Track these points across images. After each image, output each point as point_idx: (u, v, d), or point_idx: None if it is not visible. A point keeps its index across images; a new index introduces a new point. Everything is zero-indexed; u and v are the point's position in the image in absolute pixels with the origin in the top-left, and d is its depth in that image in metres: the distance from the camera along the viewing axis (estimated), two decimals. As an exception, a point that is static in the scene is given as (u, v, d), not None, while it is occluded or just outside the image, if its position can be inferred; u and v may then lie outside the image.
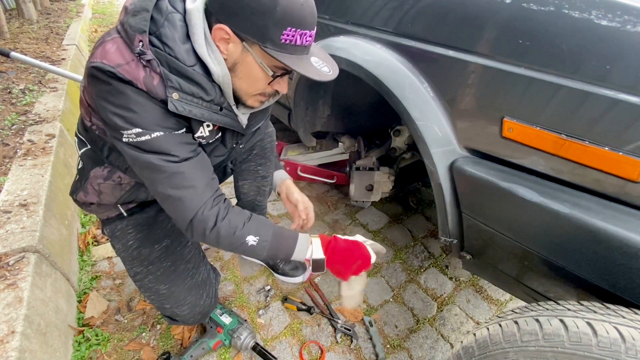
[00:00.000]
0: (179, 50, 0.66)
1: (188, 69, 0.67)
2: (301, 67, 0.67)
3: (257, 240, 0.80)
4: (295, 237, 0.86)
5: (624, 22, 0.59)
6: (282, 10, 0.61)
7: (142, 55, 0.63)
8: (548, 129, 0.70)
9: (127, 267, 1.00)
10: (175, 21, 0.66)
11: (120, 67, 0.63)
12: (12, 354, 0.83)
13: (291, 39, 0.65)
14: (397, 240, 1.67)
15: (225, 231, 0.76)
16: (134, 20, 0.64)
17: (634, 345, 0.50)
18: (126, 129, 0.67)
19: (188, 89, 0.68)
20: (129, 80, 0.64)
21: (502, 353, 0.65)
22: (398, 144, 1.58)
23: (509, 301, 1.42)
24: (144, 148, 0.69)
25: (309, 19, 0.66)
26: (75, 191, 0.93)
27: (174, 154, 0.71)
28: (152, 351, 1.15)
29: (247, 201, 1.26)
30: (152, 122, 0.67)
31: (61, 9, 4.49)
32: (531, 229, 0.78)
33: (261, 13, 0.62)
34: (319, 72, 0.70)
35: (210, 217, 0.75)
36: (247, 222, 0.80)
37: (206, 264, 1.09)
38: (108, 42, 0.66)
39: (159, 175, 0.71)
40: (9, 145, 1.65)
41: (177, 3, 0.68)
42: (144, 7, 0.64)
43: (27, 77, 2.38)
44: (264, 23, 0.63)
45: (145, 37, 0.63)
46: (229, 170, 1.21)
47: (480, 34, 0.77)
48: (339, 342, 1.22)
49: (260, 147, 1.12)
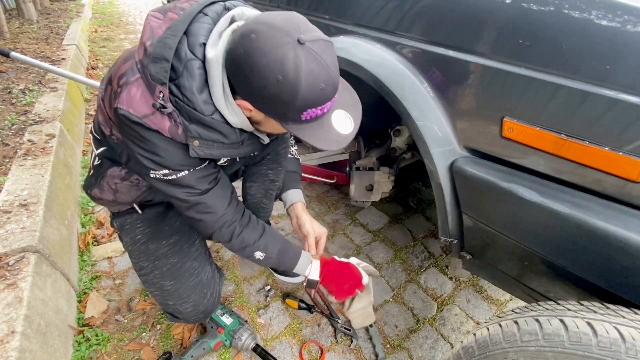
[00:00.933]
0: (197, 101, 0.66)
1: (206, 118, 0.67)
2: (320, 139, 0.68)
3: (263, 255, 0.92)
4: (297, 257, 0.97)
5: (624, 22, 0.58)
6: (303, 99, 0.60)
7: (162, 108, 0.65)
8: (548, 129, 0.70)
9: (134, 261, 1.01)
10: (193, 70, 0.65)
11: (146, 117, 0.66)
12: (12, 354, 0.83)
13: (312, 114, 0.64)
14: (397, 240, 1.67)
15: (237, 246, 0.90)
16: (154, 68, 0.63)
17: (634, 345, 0.50)
18: (154, 170, 0.73)
19: (207, 137, 0.70)
20: (155, 130, 0.67)
21: (502, 353, 0.65)
22: (398, 144, 1.58)
23: (509, 301, 1.42)
24: (170, 183, 0.77)
25: (331, 93, 0.64)
26: (90, 186, 0.94)
27: (197, 188, 0.79)
28: (152, 351, 1.15)
29: (252, 202, 1.25)
30: (177, 164, 0.74)
31: (61, 9, 4.49)
32: (531, 229, 0.78)
33: (281, 104, 0.61)
34: (339, 137, 0.69)
35: (225, 235, 0.87)
36: (258, 240, 0.91)
37: (212, 264, 1.09)
38: (132, 85, 0.67)
39: (183, 204, 0.81)
40: (9, 145, 1.66)
41: (197, 48, 0.65)
42: (164, 56, 0.63)
43: (27, 77, 2.38)
44: (285, 111, 0.63)
45: (165, 89, 0.64)
46: (240, 172, 1.21)
47: (480, 34, 0.77)
48: (339, 342, 1.22)
49: (274, 153, 1.12)
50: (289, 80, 0.58)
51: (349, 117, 0.72)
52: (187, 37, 0.65)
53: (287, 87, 0.58)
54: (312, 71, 0.59)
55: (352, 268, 0.98)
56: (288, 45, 0.57)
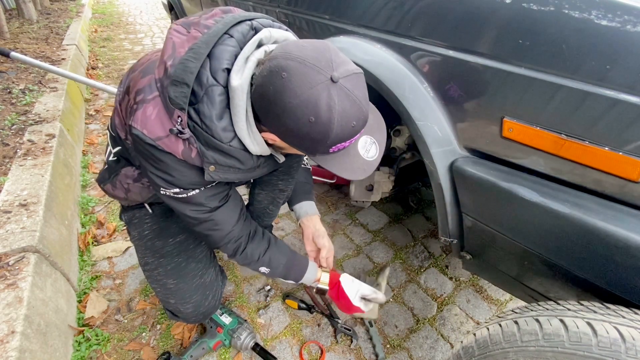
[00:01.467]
0: (216, 128, 0.64)
1: (225, 145, 0.66)
2: (347, 169, 0.66)
3: (268, 270, 0.95)
4: (304, 268, 1.00)
5: (624, 22, 0.58)
6: (334, 137, 0.58)
7: (179, 134, 0.64)
8: (548, 129, 0.70)
9: (139, 256, 1.03)
10: (214, 97, 0.62)
11: (160, 140, 0.65)
12: (12, 354, 0.83)
13: (340, 147, 0.63)
14: (397, 240, 1.67)
15: (242, 261, 0.92)
16: (173, 92, 0.62)
17: (634, 345, 0.50)
18: (165, 188, 0.74)
19: (224, 162, 0.70)
20: (168, 152, 0.67)
21: (502, 353, 0.65)
22: (398, 144, 1.58)
23: (509, 301, 1.42)
24: (180, 200, 0.78)
25: (360, 128, 0.62)
26: (103, 181, 0.95)
27: (206, 206, 0.80)
28: (152, 351, 1.15)
29: (258, 208, 1.23)
30: (189, 183, 0.74)
31: (61, 9, 4.49)
32: (531, 229, 0.78)
33: (312, 141, 0.59)
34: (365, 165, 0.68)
35: (230, 249, 0.89)
36: (263, 256, 0.92)
37: (216, 266, 1.10)
38: (149, 104, 0.66)
39: (192, 221, 0.82)
40: (9, 145, 1.66)
41: (219, 73, 0.62)
42: (185, 80, 0.61)
43: (27, 77, 2.38)
44: (314, 147, 0.61)
45: (184, 115, 0.62)
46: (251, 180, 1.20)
47: (480, 34, 0.77)
48: (339, 342, 1.22)
49: (287, 165, 1.10)
50: (322, 122, 0.56)
51: (375, 143, 0.70)
52: (210, 60, 0.63)
53: (319, 128, 0.57)
54: (345, 110, 0.57)
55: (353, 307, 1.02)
56: (321, 85, 0.55)
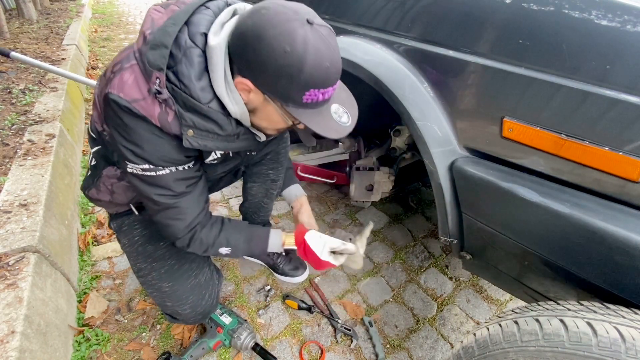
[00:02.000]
0: (195, 88, 0.65)
1: (203, 106, 0.66)
2: (320, 125, 0.67)
3: (229, 250, 0.90)
4: (266, 237, 0.95)
5: (624, 22, 0.58)
6: (307, 76, 0.60)
7: (157, 94, 0.64)
8: (548, 129, 0.70)
9: (132, 263, 1.01)
10: (193, 57, 0.64)
11: (136, 102, 0.65)
12: (12, 354, 0.83)
13: (314, 98, 0.64)
14: (397, 240, 1.67)
15: (198, 249, 0.86)
16: (152, 55, 0.63)
17: (634, 345, 0.50)
18: (134, 162, 0.71)
19: (202, 126, 0.69)
20: (143, 116, 0.65)
21: (502, 353, 0.65)
22: (398, 144, 1.58)
23: (509, 301, 1.42)
24: (146, 181, 0.74)
25: (334, 77, 0.64)
26: (87, 187, 0.94)
27: (173, 190, 0.76)
28: (152, 351, 1.15)
29: (253, 202, 1.26)
30: (159, 158, 0.71)
31: (61, 9, 4.49)
32: (531, 229, 0.78)
33: (285, 78, 0.60)
34: (337, 127, 0.69)
35: (185, 240, 0.84)
36: (218, 238, 0.88)
37: (210, 265, 1.09)
38: (126, 70, 0.66)
39: (154, 206, 0.79)
40: (9, 145, 1.65)
41: (197, 37, 0.65)
42: (163, 42, 0.63)
43: (27, 77, 2.38)
44: (287, 87, 0.62)
45: (162, 75, 0.63)
46: (240, 173, 1.21)
47: (480, 34, 0.77)
48: (339, 342, 1.22)
49: (275, 153, 1.12)
50: (297, 52, 0.57)
51: (347, 113, 0.72)
52: (188, 26, 0.65)
53: (294, 59, 0.58)
54: (319, 49, 0.59)
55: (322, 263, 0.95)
56: (297, 22, 0.58)
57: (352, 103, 0.75)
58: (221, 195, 1.87)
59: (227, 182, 1.22)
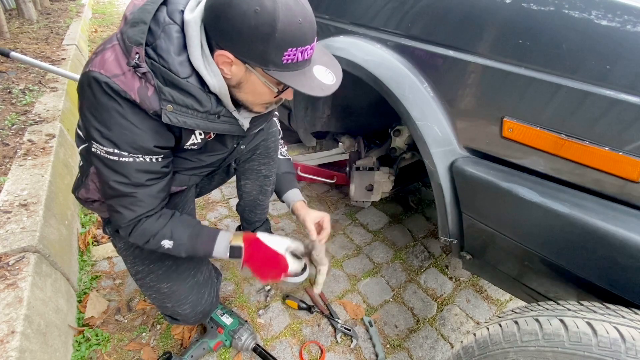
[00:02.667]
0: (173, 62, 0.66)
1: (182, 80, 0.67)
2: (305, 85, 0.67)
3: (172, 243, 0.84)
4: (213, 238, 0.89)
5: (624, 22, 0.59)
6: (282, 33, 0.60)
7: (137, 68, 0.64)
8: (548, 129, 0.70)
9: (129, 266, 1.00)
10: (171, 33, 0.66)
11: (116, 77, 0.65)
12: (12, 354, 0.83)
13: (293, 57, 0.64)
14: (397, 240, 1.67)
15: (140, 239, 0.82)
16: (132, 31, 0.65)
17: (634, 345, 0.50)
18: (99, 143, 0.70)
19: (181, 101, 0.69)
20: (120, 93, 0.65)
21: (502, 353, 0.65)
22: (398, 144, 1.58)
23: (509, 301, 1.42)
24: (107, 164, 0.73)
25: (309, 34, 0.65)
26: (77, 188, 0.93)
27: (130, 180, 0.74)
28: (152, 351, 1.15)
29: (249, 200, 1.26)
30: (127, 143, 0.70)
31: (61, 9, 4.49)
32: (531, 229, 0.78)
33: (261, 40, 0.61)
34: (322, 86, 0.69)
35: (128, 229, 0.81)
36: (162, 229, 0.83)
37: (207, 264, 1.09)
38: (108, 50, 0.67)
39: (109, 190, 0.77)
40: (9, 145, 1.65)
41: (176, 14, 0.67)
42: (142, 19, 0.65)
43: (27, 77, 2.38)
44: (264, 49, 0.62)
45: (142, 50, 0.64)
46: (232, 170, 1.21)
47: (480, 33, 0.77)
48: (339, 342, 1.22)
49: (264, 147, 1.12)
50: (267, 10, 0.58)
51: (331, 73, 0.72)
52: (167, 5, 0.67)
53: (265, 17, 0.59)
54: (289, 5, 0.60)
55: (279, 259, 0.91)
56: None
57: (335, 64, 0.75)
58: (221, 195, 1.87)
59: (219, 181, 1.21)
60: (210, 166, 0.97)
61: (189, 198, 1.08)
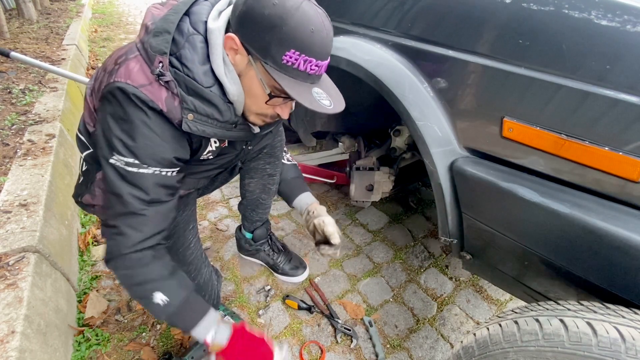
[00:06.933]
0: (197, 71, 0.67)
1: (205, 90, 0.68)
2: (295, 92, 0.64)
3: (166, 301, 0.75)
4: (202, 314, 0.81)
5: (624, 22, 0.59)
6: (289, 31, 0.61)
7: (160, 76, 0.65)
8: (548, 129, 0.70)
9: None
10: (195, 43, 0.67)
11: (144, 87, 0.66)
12: (12, 354, 0.83)
13: (293, 61, 0.63)
14: (397, 240, 1.67)
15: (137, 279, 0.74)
16: (155, 41, 0.65)
17: (634, 345, 0.50)
18: (120, 154, 0.68)
19: (203, 110, 0.70)
20: (148, 103, 0.65)
21: (502, 353, 0.65)
22: (398, 144, 1.58)
23: (509, 301, 1.42)
24: (125, 177, 0.69)
25: (318, 48, 0.64)
26: (80, 194, 0.92)
27: (148, 194, 0.71)
28: (152, 351, 1.15)
29: (251, 199, 1.26)
30: (148, 155, 0.69)
31: (61, 9, 4.49)
32: (531, 229, 0.78)
33: (268, 28, 0.61)
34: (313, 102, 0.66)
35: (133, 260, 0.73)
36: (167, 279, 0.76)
37: (208, 266, 1.09)
38: (131, 60, 0.67)
39: (120, 207, 0.71)
40: (9, 145, 1.65)
41: (199, 24, 0.68)
42: (166, 28, 0.66)
43: (27, 77, 2.38)
44: (269, 39, 0.62)
45: (165, 59, 0.65)
46: (237, 170, 1.21)
47: (480, 33, 0.77)
48: (339, 342, 1.22)
49: (271, 146, 1.12)
50: (285, 6, 0.60)
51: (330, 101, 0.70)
52: (190, 16, 0.69)
53: (279, 10, 0.60)
54: (308, 14, 0.61)
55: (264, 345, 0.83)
56: None
57: (340, 98, 0.74)
58: (221, 195, 1.87)
59: (222, 181, 1.21)
60: (219, 168, 0.98)
61: (191, 199, 1.09)
